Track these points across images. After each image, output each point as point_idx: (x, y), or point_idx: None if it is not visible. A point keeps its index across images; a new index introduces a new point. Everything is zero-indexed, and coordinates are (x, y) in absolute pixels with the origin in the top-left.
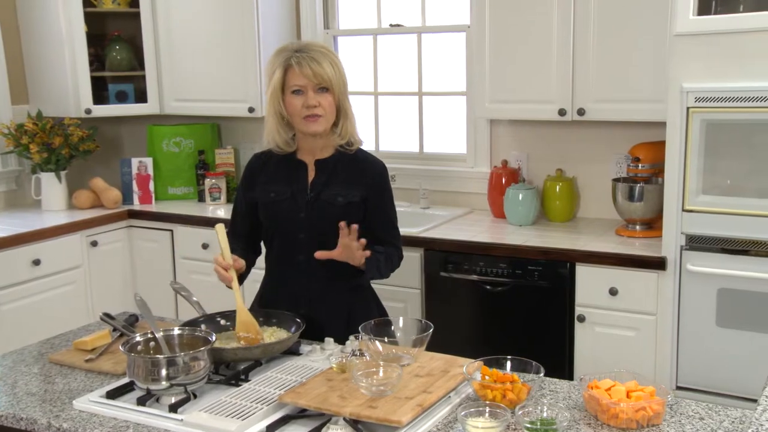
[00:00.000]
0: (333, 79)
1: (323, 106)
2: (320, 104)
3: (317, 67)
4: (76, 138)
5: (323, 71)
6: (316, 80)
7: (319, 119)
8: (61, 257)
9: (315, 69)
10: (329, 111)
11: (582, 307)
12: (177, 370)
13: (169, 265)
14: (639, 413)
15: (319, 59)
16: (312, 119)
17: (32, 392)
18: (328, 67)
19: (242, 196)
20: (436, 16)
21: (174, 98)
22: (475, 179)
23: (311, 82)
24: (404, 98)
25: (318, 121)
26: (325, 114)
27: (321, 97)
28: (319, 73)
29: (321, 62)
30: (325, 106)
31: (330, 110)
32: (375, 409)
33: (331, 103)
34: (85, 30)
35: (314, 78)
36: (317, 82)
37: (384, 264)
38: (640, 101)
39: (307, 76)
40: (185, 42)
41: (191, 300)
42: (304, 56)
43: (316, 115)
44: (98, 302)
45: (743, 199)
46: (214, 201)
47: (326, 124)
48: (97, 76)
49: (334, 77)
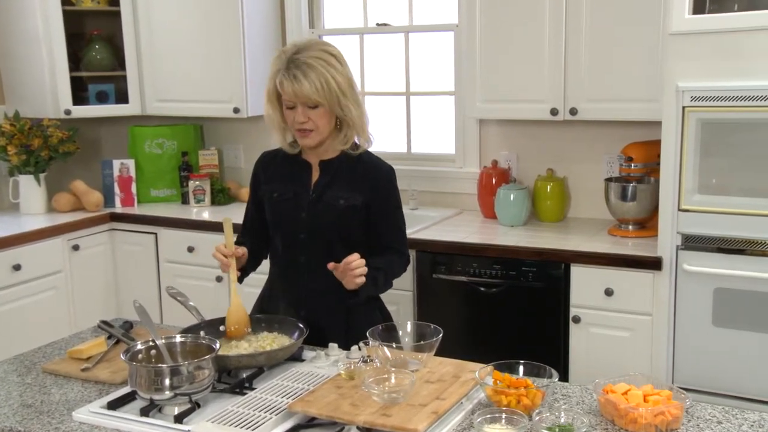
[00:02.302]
0: (319, 96)
1: (313, 121)
2: (309, 119)
3: (299, 87)
4: (55, 139)
5: (305, 90)
6: (299, 100)
7: (310, 134)
8: (42, 262)
9: (296, 89)
10: (320, 125)
11: (577, 308)
12: (181, 379)
13: (153, 269)
14: (658, 418)
15: (305, 76)
16: (304, 134)
17: (28, 404)
18: (314, 83)
19: (252, 194)
20: (423, 15)
21: (156, 99)
22: (465, 179)
23: (297, 99)
24: (391, 98)
25: (309, 135)
26: (316, 128)
27: (311, 112)
28: (301, 93)
29: (305, 80)
30: (315, 121)
31: (322, 123)
32: (389, 417)
33: (323, 116)
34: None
35: (296, 98)
36: (301, 101)
37: (383, 281)
38: (633, 101)
39: (289, 96)
40: (168, 41)
41: (188, 305)
42: (288, 74)
43: (306, 130)
44: (80, 308)
45: (739, 198)
46: (199, 203)
47: (318, 137)
48: (76, 76)
49: (320, 92)
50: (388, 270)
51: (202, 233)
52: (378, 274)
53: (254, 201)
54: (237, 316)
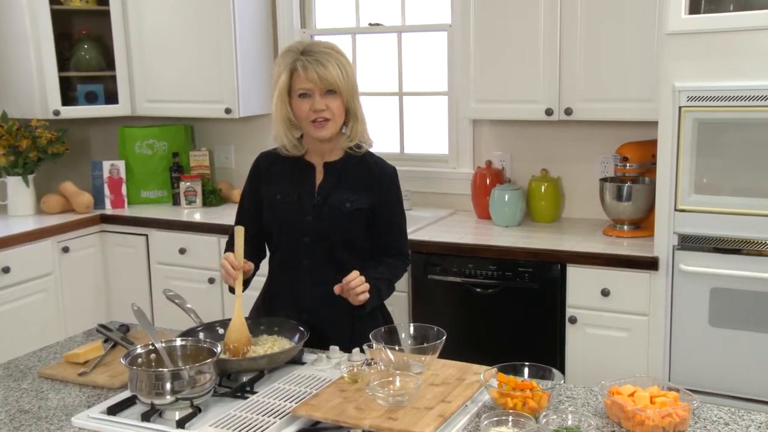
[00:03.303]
0: (340, 82)
1: (331, 110)
2: (328, 107)
3: (323, 70)
4: (44, 140)
5: (329, 74)
6: (322, 84)
7: (327, 123)
8: (32, 264)
9: (320, 73)
10: (337, 114)
11: (573, 309)
12: (182, 383)
13: (144, 271)
14: (666, 419)
15: (325, 61)
16: (319, 124)
17: (25, 409)
18: (335, 69)
19: (248, 196)
20: (416, 15)
21: (146, 99)
22: (458, 180)
23: (317, 85)
24: (384, 98)
25: (326, 125)
26: (333, 117)
27: (328, 100)
28: (324, 77)
29: (327, 65)
30: (333, 110)
31: (338, 113)
32: (395, 421)
33: (340, 105)
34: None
35: (320, 82)
36: (323, 86)
37: (386, 289)
38: (628, 100)
39: (313, 81)
40: (158, 41)
41: (185, 307)
42: (310, 59)
43: (324, 119)
44: (71, 310)
45: (735, 198)
46: (190, 204)
47: (334, 128)
48: (65, 76)
49: (341, 80)
50: (392, 276)
51: (194, 235)
52: (381, 284)
53: (254, 199)
54: (238, 334)
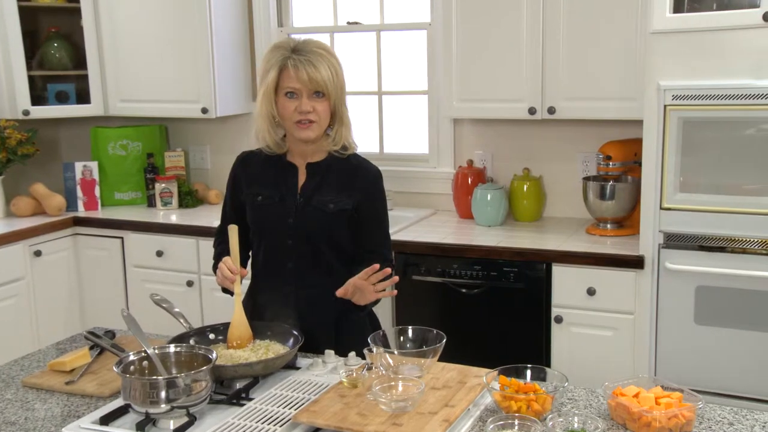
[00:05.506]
0: (330, 85)
1: (317, 112)
2: (314, 110)
3: (313, 71)
4: (13, 141)
5: (319, 76)
6: (311, 85)
7: (311, 125)
8: (2, 269)
9: (311, 73)
10: (323, 117)
11: (559, 308)
12: (178, 391)
13: (119, 274)
14: (672, 420)
15: (317, 63)
16: (304, 125)
17: (11, 421)
18: (326, 71)
19: (229, 197)
20: (395, 13)
21: (119, 99)
22: (439, 179)
23: (306, 86)
24: (363, 98)
25: (310, 127)
26: (318, 120)
27: (316, 102)
28: (314, 78)
29: (318, 66)
30: (320, 112)
31: (324, 116)
32: (400, 427)
33: (326, 108)
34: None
35: (309, 83)
36: (312, 87)
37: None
38: (612, 99)
39: (302, 81)
40: (131, 39)
41: (173, 311)
42: (301, 59)
43: (309, 120)
44: (44, 316)
45: (720, 196)
46: (166, 206)
47: (319, 130)
48: (34, 76)
49: (331, 82)
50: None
51: (171, 237)
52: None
53: (234, 206)
54: (240, 331)
